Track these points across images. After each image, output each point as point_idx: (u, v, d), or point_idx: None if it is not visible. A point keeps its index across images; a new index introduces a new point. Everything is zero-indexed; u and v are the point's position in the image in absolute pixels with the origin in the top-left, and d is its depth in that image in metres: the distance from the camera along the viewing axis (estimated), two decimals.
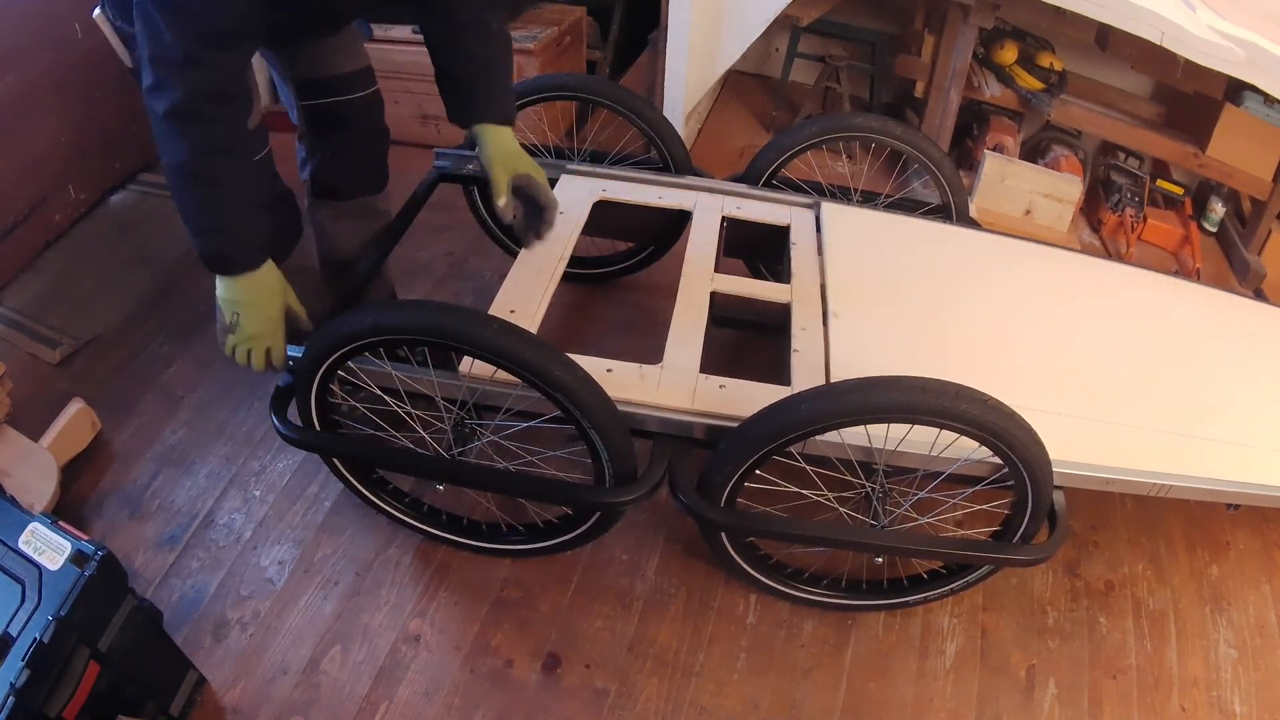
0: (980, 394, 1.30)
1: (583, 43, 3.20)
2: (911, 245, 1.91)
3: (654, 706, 1.52)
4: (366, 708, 1.49)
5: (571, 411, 1.38)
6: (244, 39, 1.29)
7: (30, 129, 2.30)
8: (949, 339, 1.69)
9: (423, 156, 2.07)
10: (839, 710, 1.53)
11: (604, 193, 1.97)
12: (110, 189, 2.62)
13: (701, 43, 2.66)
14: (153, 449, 1.91)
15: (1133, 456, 1.51)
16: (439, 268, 2.44)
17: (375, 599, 1.65)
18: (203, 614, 1.61)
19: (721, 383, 1.52)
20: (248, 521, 1.77)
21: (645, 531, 1.78)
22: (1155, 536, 1.86)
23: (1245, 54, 2.20)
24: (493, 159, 1.63)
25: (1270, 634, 1.70)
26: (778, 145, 2.03)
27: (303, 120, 1.72)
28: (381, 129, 1.79)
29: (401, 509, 1.72)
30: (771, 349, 1.77)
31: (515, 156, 1.65)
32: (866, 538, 1.50)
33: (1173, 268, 2.74)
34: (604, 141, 2.25)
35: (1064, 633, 1.66)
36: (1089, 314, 1.81)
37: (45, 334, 2.16)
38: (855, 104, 3.21)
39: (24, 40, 2.21)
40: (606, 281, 2.34)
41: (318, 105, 1.69)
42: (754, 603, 1.68)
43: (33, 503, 1.65)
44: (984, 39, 2.76)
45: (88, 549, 1.20)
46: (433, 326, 1.35)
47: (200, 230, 1.37)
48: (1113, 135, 2.85)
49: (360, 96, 1.70)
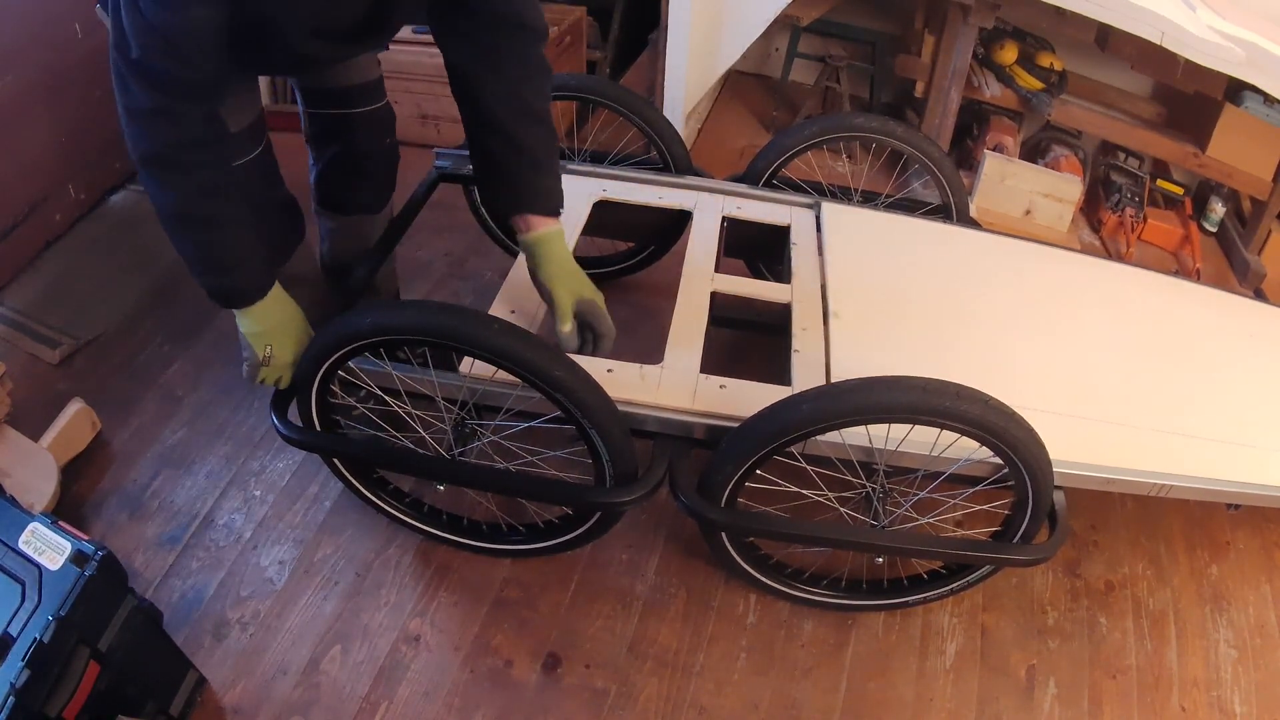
0: (981, 394, 1.30)
1: (583, 43, 3.20)
2: (912, 245, 1.91)
3: (654, 706, 1.52)
4: (366, 708, 1.49)
5: (572, 412, 1.38)
6: (212, 90, 1.25)
7: (30, 129, 2.29)
8: (949, 339, 1.69)
9: (423, 156, 2.07)
10: (839, 710, 1.53)
11: (604, 193, 1.97)
12: (110, 189, 2.62)
13: (701, 43, 2.66)
14: (153, 449, 1.91)
15: (1133, 456, 1.51)
16: (439, 268, 2.44)
17: (375, 599, 1.65)
18: (203, 614, 1.61)
19: (722, 383, 1.52)
20: (248, 521, 1.77)
21: (645, 531, 1.78)
22: (1155, 536, 1.86)
23: (1245, 54, 2.20)
24: (555, 278, 1.49)
25: (1270, 634, 1.70)
26: (778, 145, 2.03)
27: (307, 126, 1.71)
28: (385, 148, 1.73)
29: (402, 509, 1.72)
30: (771, 349, 1.77)
31: (578, 278, 1.52)
32: (867, 538, 1.49)
33: (1173, 268, 2.74)
34: (604, 141, 2.26)
35: (1064, 633, 1.66)
36: (1089, 314, 1.81)
37: (45, 334, 2.16)
38: (855, 104, 3.21)
39: (24, 40, 2.21)
40: (606, 281, 2.34)
41: (321, 114, 1.67)
42: (754, 603, 1.68)
43: (33, 503, 1.65)
44: (984, 39, 2.76)
45: (88, 549, 1.20)
46: (432, 326, 1.35)
47: (202, 270, 1.36)
48: (1113, 135, 2.85)
49: (365, 111, 1.66)
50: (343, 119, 1.66)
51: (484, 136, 1.48)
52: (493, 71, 1.42)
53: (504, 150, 1.46)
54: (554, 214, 1.51)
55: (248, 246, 1.37)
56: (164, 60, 1.15)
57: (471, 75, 1.43)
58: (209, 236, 1.32)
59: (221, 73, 1.23)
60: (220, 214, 1.31)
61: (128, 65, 1.17)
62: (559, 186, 1.52)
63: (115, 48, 1.17)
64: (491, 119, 1.44)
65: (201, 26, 1.14)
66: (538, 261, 1.51)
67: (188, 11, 1.12)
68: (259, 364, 1.45)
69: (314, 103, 1.66)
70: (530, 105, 1.45)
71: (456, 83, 1.46)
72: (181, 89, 1.19)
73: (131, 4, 1.12)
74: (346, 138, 1.69)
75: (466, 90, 1.45)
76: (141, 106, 1.19)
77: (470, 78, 1.43)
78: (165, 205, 1.28)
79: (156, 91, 1.18)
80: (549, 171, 1.50)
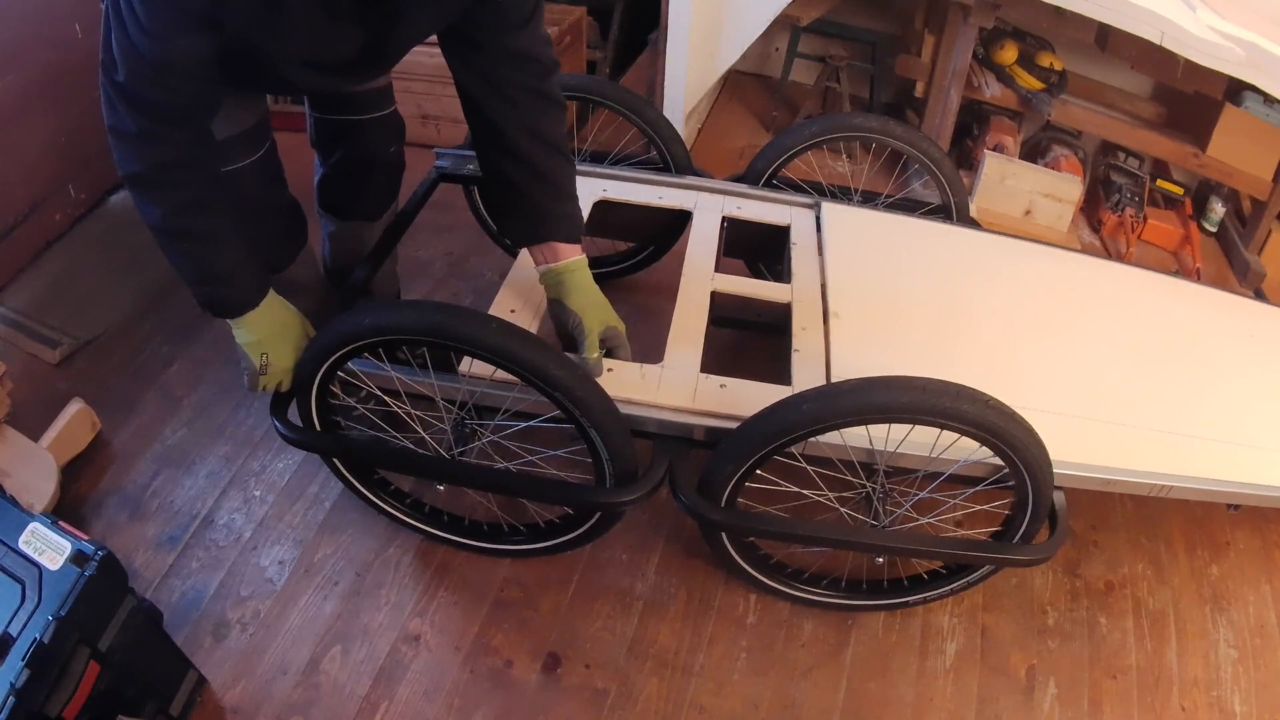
0: (981, 394, 1.30)
1: (583, 43, 3.20)
2: (912, 245, 1.91)
3: (654, 706, 1.52)
4: (366, 708, 1.49)
5: (571, 411, 1.37)
6: (198, 115, 1.25)
7: (31, 129, 2.29)
8: (949, 339, 1.69)
9: (423, 156, 2.07)
10: (839, 710, 1.53)
11: (605, 193, 1.97)
12: (110, 189, 2.62)
13: (701, 43, 2.66)
14: (153, 449, 1.91)
15: (1133, 456, 1.51)
16: (439, 268, 2.44)
17: (375, 599, 1.65)
18: (203, 614, 1.61)
19: (722, 382, 1.52)
20: (248, 521, 1.77)
21: (645, 531, 1.78)
22: (1155, 536, 1.86)
23: (1245, 54, 2.20)
24: (586, 309, 1.50)
25: (1270, 634, 1.70)
26: (778, 145, 2.03)
27: (312, 130, 1.70)
28: (389, 156, 1.72)
29: (402, 509, 1.72)
30: (771, 349, 1.77)
31: (606, 308, 1.53)
32: (867, 538, 1.50)
33: (1173, 268, 2.74)
34: (604, 141, 2.26)
35: (1064, 633, 1.66)
36: (1089, 314, 1.81)
37: (45, 334, 2.15)
38: (855, 104, 3.21)
39: (24, 40, 2.21)
40: (606, 281, 2.33)
41: (327, 120, 1.66)
42: (754, 603, 1.68)
43: (33, 503, 1.65)
44: (984, 39, 2.76)
45: (88, 549, 1.20)
46: (432, 326, 1.35)
47: (194, 281, 1.36)
48: (1113, 135, 2.85)
49: (372, 117, 1.65)
50: (349, 125, 1.65)
51: (503, 163, 1.48)
52: (507, 103, 1.41)
53: (525, 179, 1.46)
54: (578, 241, 1.52)
55: (237, 259, 1.36)
56: (150, 87, 1.15)
57: (486, 105, 1.42)
58: (198, 250, 1.32)
59: (209, 98, 1.23)
60: (208, 228, 1.31)
61: (114, 88, 1.17)
62: (580, 213, 1.53)
63: (103, 69, 1.17)
64: (513, 147, 1.44)
65: (189, 55, 1.14)
66: (565, 291, 1.51)
67: (175, 40, 1.11)
68: (257, 372, 1.46)
69: (320, 108, 1.65)
70: (549, 136, 1.45)
71: (470, 108, 1.45)
72: (167, 114, 1.19)
73: (120, 28, 1.12)
74: (352, 143, 1.68)
75: (481, 117, 1.44)
76: (127, 129, 1.19)
77: (485, 107, 1.43)
78: (153, 221, 1.28)
79: (142, 115, 1.18)
80: (571, 199, 1.51)
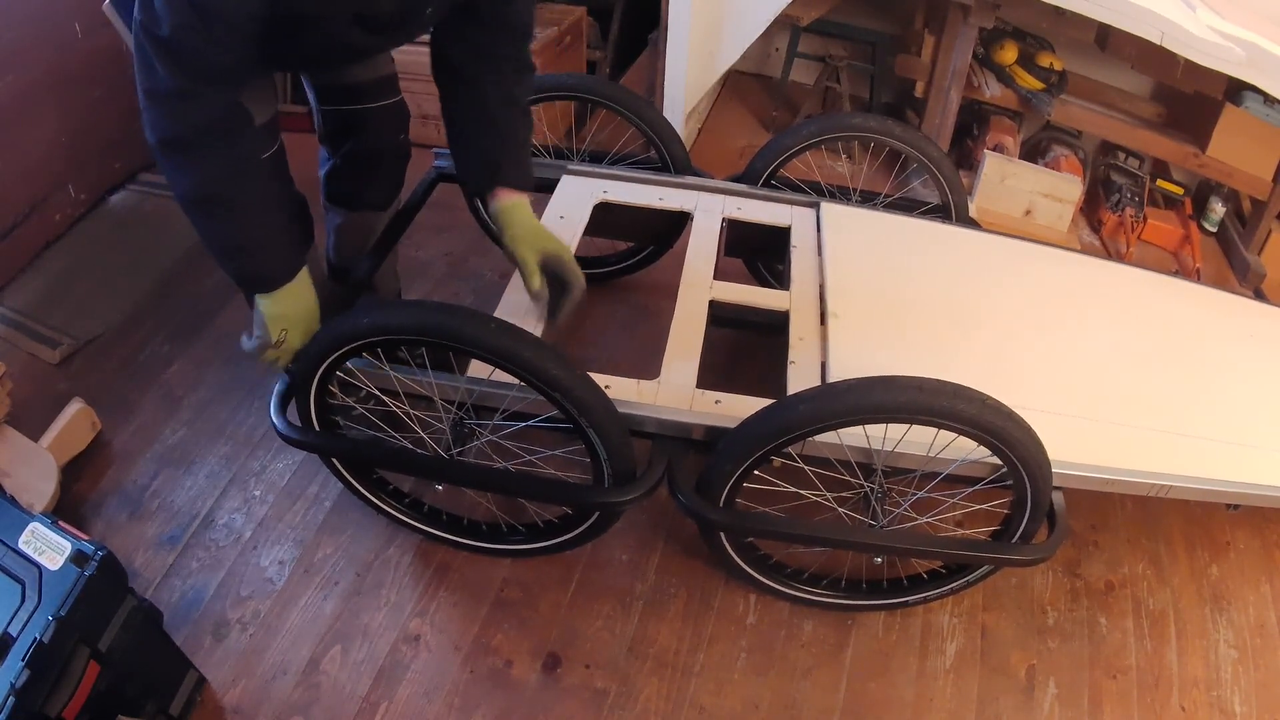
0: (978, 394, 1.30)
1: (583, 43, 3.20)
2: (911, 245, 1.91)
3: (654, 706, 1.52)
4: (366, 708, 1.50)
5: (570, 411, 1.38)
6: (238, 75, 1.25)
7: (31, 129, 2.30)
8: (948, 339, 1.68)
9: (423, 156, 2.06)
10: (839, 710, 1.53)
11: (605, 194, 1.97)
12: (110, 189, 2.63)
13: (701, 43, 2.66)
14: (153, 449, 1.91)
15: (1133, 457, 1.51)
16: (439, 268, 2.44)
17: (375, 599, 1.65)
18: (203, 614, 1.61)
19: (717, 398, 1.51)
20: (248, 521, 1.78)
21: (645, 531, 1.78)
22: (1155, 536, 1.86)
23: (1245, 54, 2.20)
24: (518, 239, 1.55)
25: (1270, 634, 1.70)
26: (778, 145, 2.02)
27: (320, 124, 1.71)
28: (397, 145, 1.75)
29: (401, 509, 1.72)
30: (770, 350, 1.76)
31: (541, 235, 1.57)
32: (866, 538, 1.49)
33: (1173, 268, 2.74)
34: (604, 141, 2.26)
35: (1064, 633, 1.66)
36: (1089, 314, 1.81)
37: (45, 334, 2.16)
38: (855, 104, 3.21)
39: (24, 40, 2.21)
40: (606, 281, 2.34)
41: (334, 111, 1.67)
42: (754, 603, 1.68)
43: (33, 503, 1.65)
44: (984, 39, 2.76)
45: (88, 549, 1.20)
46: (430, 326, 1.35)
47: (227, 255, 1.34)
48: (1113, 135, 2.84)
49: (378, 106, 1.66)
50: (357, 114, 1.67)
51: (470, 122, 1.56)
52: (491, 71, 1.51)
53: (490, 136, 1.55)
54: (528, 189, 1.60)
55: (272, 229, 1.36)
56: (195, 38, 1.14)
57: (467, 71, 1.51)
58: (231, 219, 1.31)
59: (249, 57, 1.23)
60: (242, 196, 1.30)
61: (154, 45, 1.16)
62: (531, 167, 1.64)
63: (142, 27, 1.16)
64: (483, 110, 1.53)
65: (240, 7, 1.15)
66: (504, 229, 1.58)
67: None
68: (269, 345, 1.44)
69: (328, 99, 1.66)
70: (519, 99, 1.57)
71: (444, 70, 1.53)
72: (208, 71, 1.19)
73: None
74: (360, 133, 1.69)
75: (456, 79, 1.53)
76: (165, 88, 1.19)
77: (465, 73, 1.51)
78: (186, 189, 1.26)
79: (181, 72, 1.17)
80: (527, 152, 1.62)
